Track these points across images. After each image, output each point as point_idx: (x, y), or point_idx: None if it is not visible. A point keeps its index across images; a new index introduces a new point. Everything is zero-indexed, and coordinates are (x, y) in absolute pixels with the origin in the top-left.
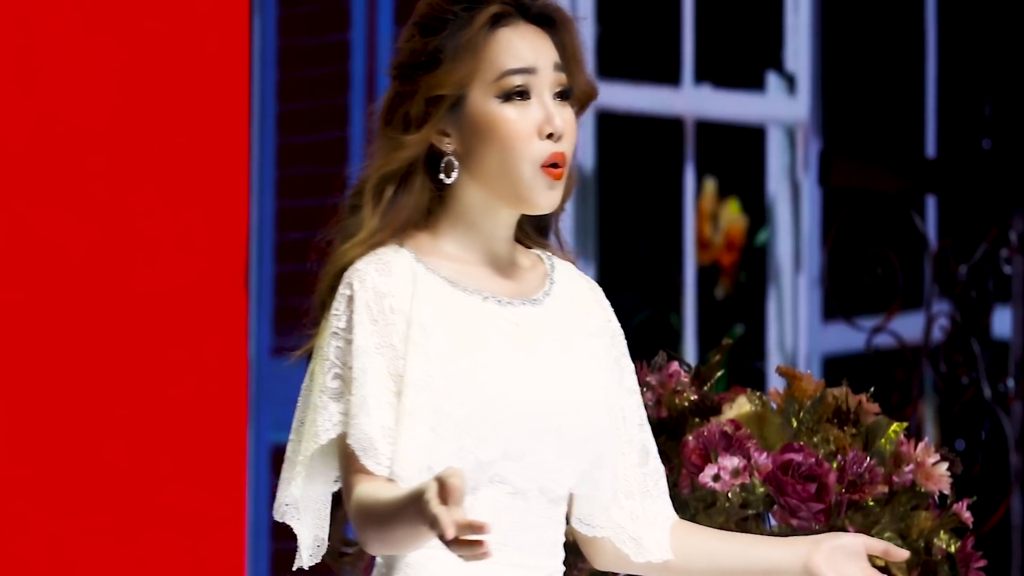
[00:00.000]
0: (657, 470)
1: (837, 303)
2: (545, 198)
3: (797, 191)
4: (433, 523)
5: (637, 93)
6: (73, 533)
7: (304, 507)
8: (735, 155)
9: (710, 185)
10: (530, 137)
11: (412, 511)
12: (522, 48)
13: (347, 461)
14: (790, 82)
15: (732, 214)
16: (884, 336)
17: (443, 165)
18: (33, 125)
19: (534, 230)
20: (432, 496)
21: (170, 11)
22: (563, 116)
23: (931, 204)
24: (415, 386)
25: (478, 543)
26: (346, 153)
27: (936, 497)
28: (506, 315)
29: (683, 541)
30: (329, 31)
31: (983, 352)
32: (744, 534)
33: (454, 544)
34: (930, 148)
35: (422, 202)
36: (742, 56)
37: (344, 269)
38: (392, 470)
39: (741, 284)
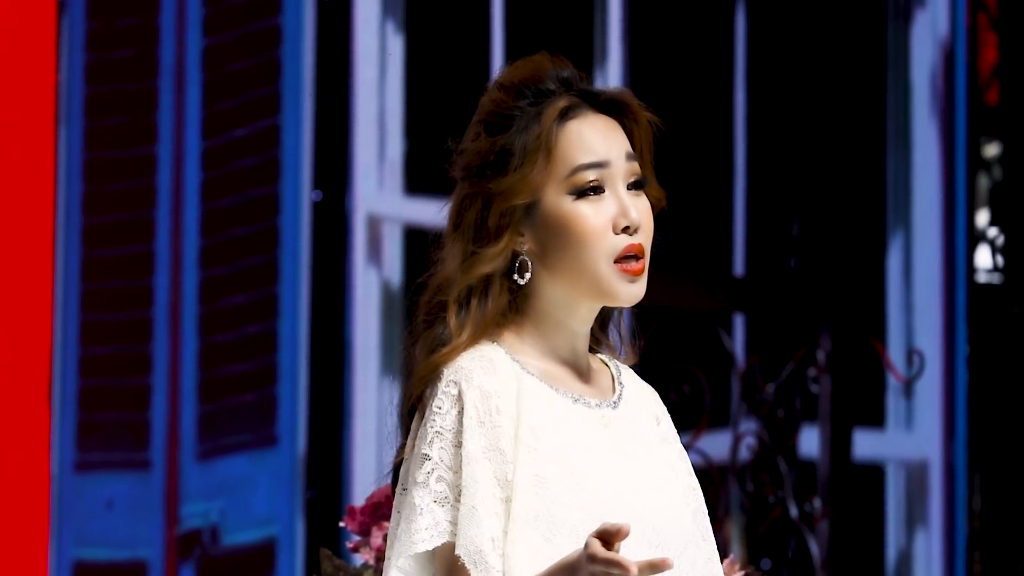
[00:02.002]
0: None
1: None
2: (627, 292)
3: None
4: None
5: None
6: None
7: None
8: None
9: None
10: (605, 232)
11: None
12: (593, 141)
13: (453, 572)
14: None
15: None
16: (691, 455)
17: (517, 265)
18: None
19: (598, 325)
20: (598, 548)
21: None
22: (638, 207)
23: (739, 323)
24: (527, 491)
25: None
26: (152, 267)
27: None
28: (595, 417)
29: None
30: (136, 144)
31: (790, 471)
32: None
33: None
34: (738, 267)
35: (504, 303)
36: None
37: (435, 375)
38: None
39: None
